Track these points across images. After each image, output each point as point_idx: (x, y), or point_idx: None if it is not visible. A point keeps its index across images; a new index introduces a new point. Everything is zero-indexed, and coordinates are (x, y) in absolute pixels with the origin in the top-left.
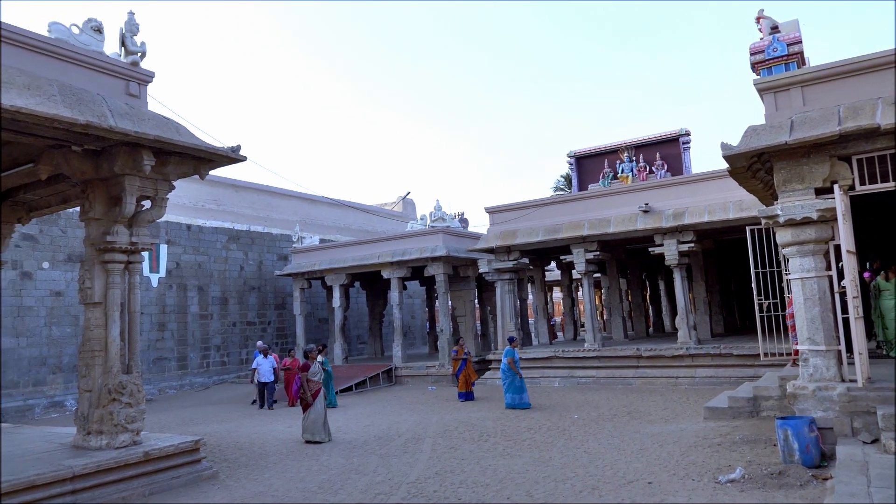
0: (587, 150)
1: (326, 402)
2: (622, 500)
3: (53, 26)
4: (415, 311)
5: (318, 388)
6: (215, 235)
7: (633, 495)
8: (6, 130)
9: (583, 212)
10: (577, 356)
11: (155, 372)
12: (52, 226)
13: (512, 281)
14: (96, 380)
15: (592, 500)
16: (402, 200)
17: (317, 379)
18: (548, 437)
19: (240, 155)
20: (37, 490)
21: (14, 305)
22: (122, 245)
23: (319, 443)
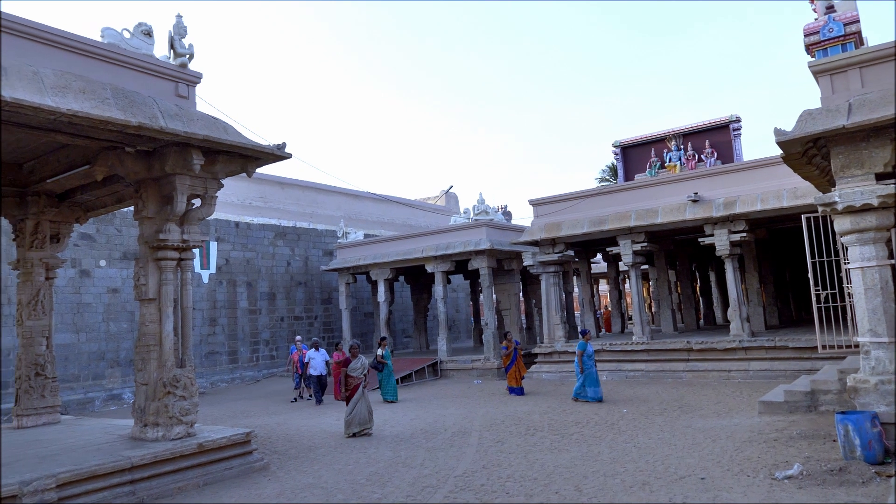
0: (633, 140)
1: (386, 397)
2: (674, 496)
3: (106, 31)
4: (459, 304)
5: (357, 383)
6: (262, 232)
7: (685, 491)
8: (64, 133)
9: (629, 202)
10: (625, 349)
11: (207, 366)
12: (108, 225)
13: (557, 274)
14: (152, 374)
15: (643, 495)
16: (445, 194)
17: (356, 375)
18: (596, 431)
19: (285, 152)
20: (98, 479)
21: (74, 302)
22: (174, 243)
23: (363, 435)
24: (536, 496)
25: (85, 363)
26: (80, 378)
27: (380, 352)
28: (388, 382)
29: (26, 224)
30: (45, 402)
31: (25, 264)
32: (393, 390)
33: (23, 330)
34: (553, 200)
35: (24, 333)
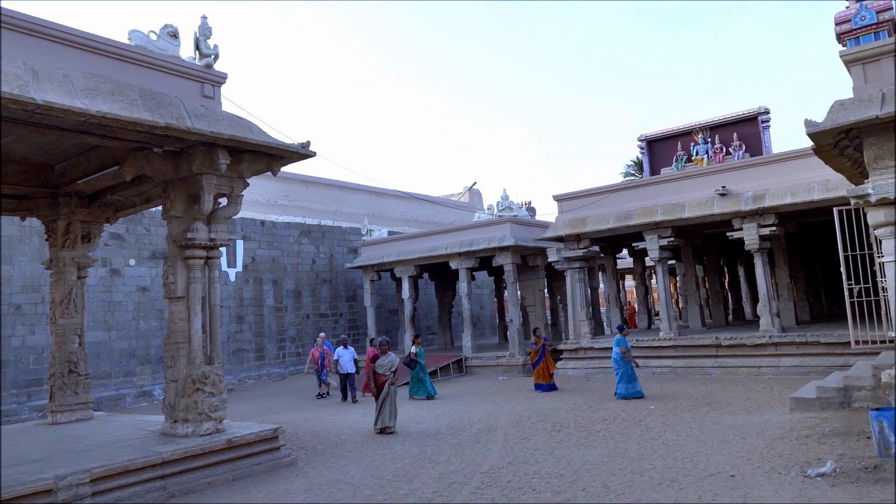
0: (659, 133)
1: (425, 393)
2: (703, 494)
3: (133, 34)
4: (483, 301)
5: (384, 380)
6: (288, 230)
7: (714, 488)
8: (94, 135)
9: (655, 197)
10: (652, 345)
11: (234, 363)
12: (137, 225)
13: (582, 269)
14: (181, 370)
15: (672, 492)
16: (468, 191)
17: (382, 371)
18: (623, 428)
19: (310, 151)
20: (130, 474)
21: (105, 301)
22: (201, 241)
23: (389, 432)
24: (563, 493)
25: (116, 360)
26: (111, 375)
27: (413, 349)
28: (421, 380)
29: (58, 224)
30: (78, 398)
31: (58, 264)
32: (427, 387)
33: (56, 328)
34: (578, 196)
35: (57, 331)
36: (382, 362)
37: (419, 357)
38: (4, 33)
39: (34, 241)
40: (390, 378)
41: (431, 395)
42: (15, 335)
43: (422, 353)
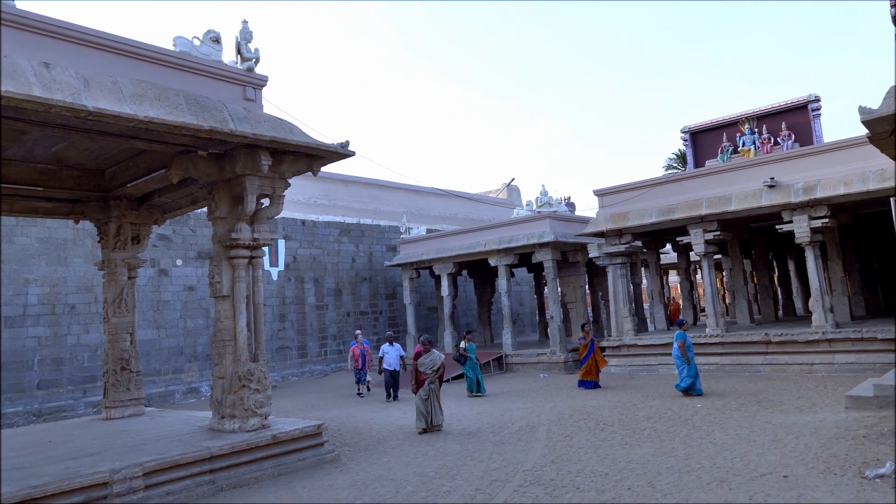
0: (703, 125)
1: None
2: (755, 494)
3: (178, 40)
4: (523, 298)
5: (424, 378)
6: (328, 229)
7: (766, 489)
8: (142, 140)
9: (700, 190)
10: (698, 342)
11: (278, 360)
12: (183, 226)
13: (624, 265)
14: (227, 367)
15: (721, 493)
16: (506, 187)
17: (423, 370)
18: (669, 426)
19: (349, 150)
20: (180, 468)
21: (153, 300)
22: (245, 241)
23: (431, 431)
24: (608, 492)
25: (165, 358)
26: (160, 372)
27: (463, 345)
28: (471, 376)
29: (110, 226)
30: (130, 394)
31: (110, 264)
32: (478, 383)
33: (109, 327)
34: (619, 190)
35: (109, 330)
36: (424, 360)
37: (469, 352)
38: (58, 44)
39: (87, 243)
40: (430, 377)
41: (475, 391)
42: (70, 334)
43: (472, 349)
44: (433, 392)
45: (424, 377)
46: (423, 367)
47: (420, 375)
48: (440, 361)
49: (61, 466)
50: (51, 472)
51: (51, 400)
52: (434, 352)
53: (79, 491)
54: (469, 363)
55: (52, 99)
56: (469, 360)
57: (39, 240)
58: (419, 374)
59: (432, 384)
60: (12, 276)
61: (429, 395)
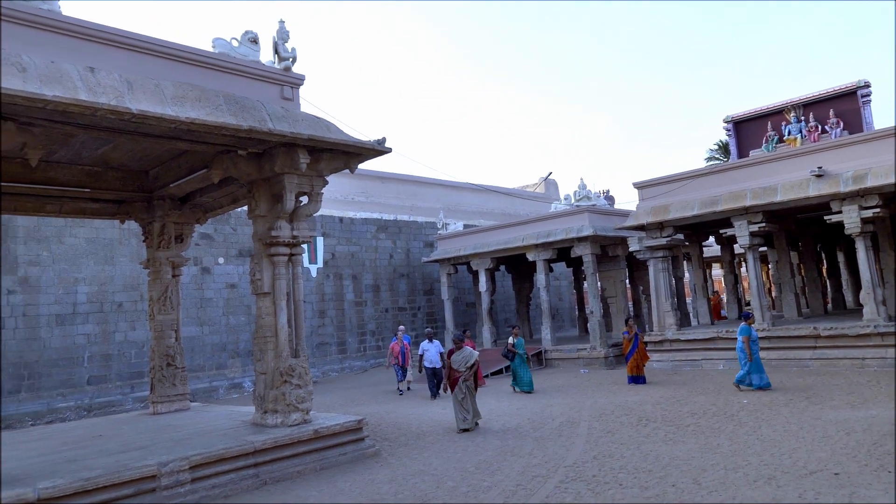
0: (746, 114)
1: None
2: (805, 492)
3: (217, 42)
4: (562, 293)
5: (457, 377)
6: (365, 226)
7: (817, 486)
8: (184, 140)
9: (744, 180)
10: None
11: (318, 356)
12: (224, 225)
13: (666, 259)
14: (269, 363)
15: (769, 490)
16: (543, 181)
17: (456, 367)
18: (714, 422)
19: (385, 147)
20: (225, 462)
21: (197, 297)
22: (284, 239)
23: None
24: (651, 488)
25: (209, 354)
26: (204, 368)
27: (511, 340)
28: (520, 372)
29: (154, 226)
30: (175, 390)
31: (154, 263)
32: (527, 380)
33: (154, 324)
34: (659, 182)
35: (155, 327)
36: (457, 358)
37: (517, 348)
38: (102, 48)
39: (132, 243)
40: (464, 375)
41: (523, 389)
42: (118, 331)
43: (521, 344)
44: (469, 390)
45: (458, 375)
46: (457, 364)
47: (454, 374)
48: (473, 358)
49: (112, 459)
50: (102, 465)
51: (100, 395)
52: (466, 348)
53: (129, 483)
54: (518, 359)
55: (97, 102)
56: (518, 357)
57: (87, 240)
58: (453, 373)
59: (466, 382)
60: (63, 276)
61: (465, 394)
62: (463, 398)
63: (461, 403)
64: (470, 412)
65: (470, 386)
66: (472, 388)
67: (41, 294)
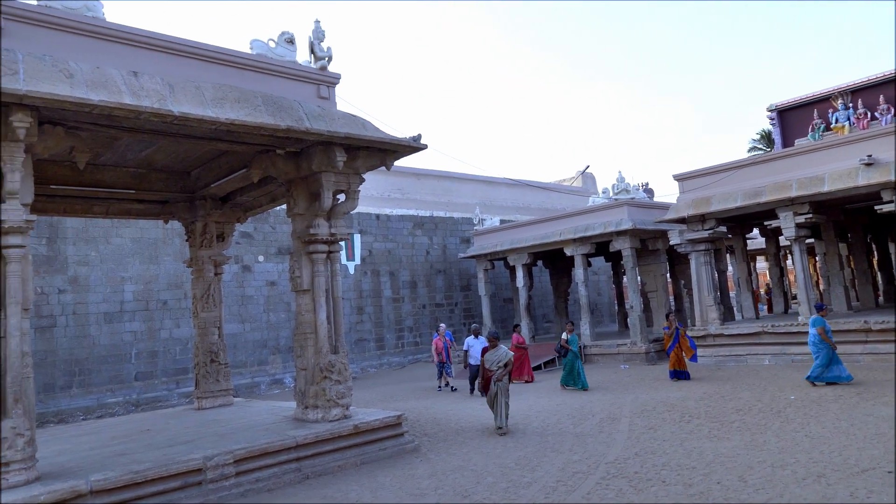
0: (791, 102)
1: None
2: (856, 491)
3: (254, 43)
4: (601, 288)
5: (490, 376)
6: (401, 223)
7: (869, 485)
8: (224, 141)
9: (789, 170)
10: (790, 331)
11: (357, 352)
12: (264, 223)
13: (708, 252)
14: (309, 359)
15: (819, 489)
16: (581, 175)
17: (489, 367)
18: (760, 419)
19: (421, 144)
20: (268, 456)
21: (238, 295)
22: (323, 236)
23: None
24: (695, 486)
25: (250, 350)
26: (246, 364)
27: (564, 336)
28: (573, 369)
29: (196, 225)
30: (219, 385)
31: (197, 262)
32: (578, 377)
33: (198, 321)
34: (701, 174)
35: (199, 324)
36: (491, 357)
37: (571, 344)
38: (144, 53)
39: (175, 242)
40: (497, 374)
41: (581, 387)
42: (163, 328)
43: (575, 341)
44: (501, 390)
45: (491, 374)
46: (490, 363)
47: (487, 373)
48: (507, 357)
49: (159, 453)
50: (150, 459)
51: (147, 391)
52: (501, 347)
53: (176, 476)
54: (571, 356)
55: (140, 105)
56: (571, 353)
57: (133, 240)
58: (486, 372)
59: (499, 381)
60: (110, 275)
61: (496, 395)
62: (495, 398)
63: (493, 404)
64: (502, 413)
65: (503, 386)
66: (505, 388)
67: (90, 293)
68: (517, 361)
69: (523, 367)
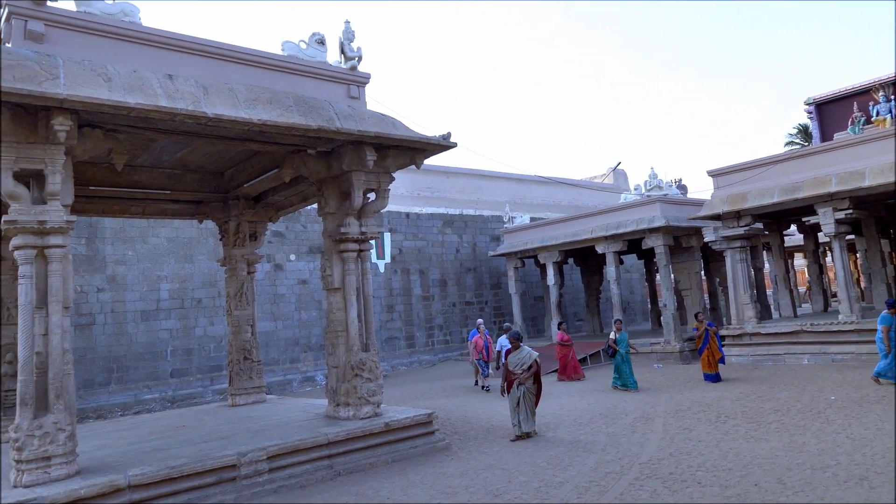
0: (830, 95)
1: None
2: None
3: (286, 45)
4: (633, 286)
5: (513, 379)
6: (431, 221)
7: None
8: (256, 142)
9: (828, 165)
10: (830, 330)
11: (387, 350)
12: (295, 223)
13: (743, 249)
14: (340, 357)
15: (861, 491)
16: (612, 172)
17: (512, 369)
18: (799, 420)
19: (450, 142)
20: (301, 453)
21: (270, 293)
22: (353, 235)
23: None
24: (732, 487)
25: (282, 348)
26: (279, 362)
27: (613, 335)
28: (623, 369)
29: (229, 225)
30: (252, 382)
31: (230, 261)
32: (627, 377)
33: (232, 319)
34: (736, 169)
35: (232, 322)
36: (513, 359)
37: (620, 343)
38: (179, 56)
39: (209, 242)
40: (520, 377)
41: (629, 387)
42: (198, 326)
43: (623, 339)
44: (525, 394)
45: (514, 377)
46: (513, 366)
47: (510, 376)
48: (531, 360)
49: (195, 449)
50: (186, 454)
51: (182, 387)
52: (525, 348)
53: (211, 472)
54: (619, 356)
55: (175, 108)
56: (619, 353)
57: (168, 239)
58: (509, 375)
59: (523, 385)
60: (146, 274)
61: (519, 399)
62: (518, 402)
63: (515, 408)
64: (525, 417)
65: (527, 389)
66: (530, 391)
67: (127, 291)
68: (563, 359)
69: (570, 366)
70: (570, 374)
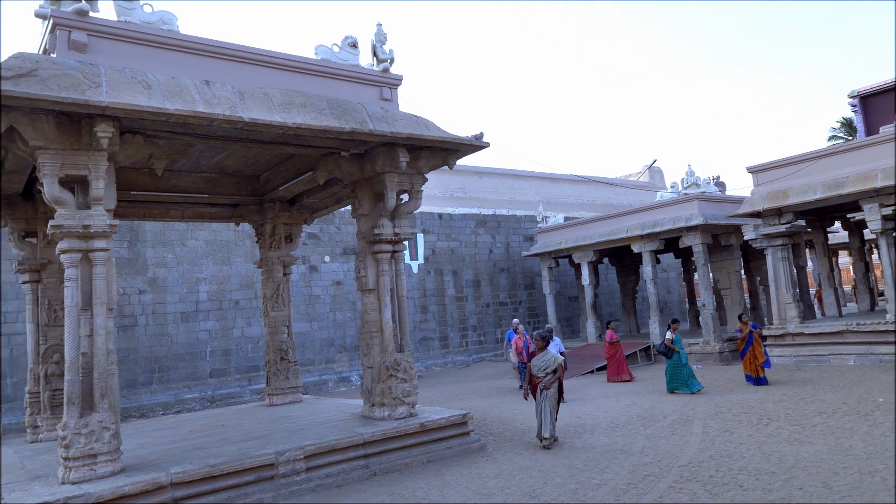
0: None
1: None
2: None
3: (319, 49)
4: (670, 285)
5: (536, 383)
6: (464, 222)
7: None
8: (291, 145)
9: (874, 160)
10: (877, 329)
11: (421, 351)
12: (329, 224)
13: (785, 247)
14: (375, 358)
15: None
16: (648, 170)
17: (535, 373)
18: (845, 422)
19: (483, 142)
20: (337, 453)
21: (305, 295)
22: (387, 236)
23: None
24: (775, 491)
25: (318, 349)
26: (314, 362)
27: (669, 335)
28: (679, 371)
29: (265, 227)
30: (289, 382)
31: (266, 262)
32: (687, 379)
33: (268, 320)
34: (776, 165)
35: (269, 323)
36: (537, 363)
37: (676, 344)
38: (216, 62)
39: (246, 244)
40: (545, 381)
41: (693, 390)
42: (235, 327)
43: (679, 340)
44: (547, 399)
45: (538, 381)
46: (536, 369)
47: (533, 379)
48: (556, 364)
49: (234, 448)
50: (226, 453)
51: (221, 387)
52: (550, 351)
53: (250, 471)
54: (676, 357)
55: (213, 113)
56: (676, 354)
57: (206, 242)
58: (532, 378)
59: (546, 389)
60: (186, 276)
61: (541, 404)
62: (541, 408)
63: (538, 413)
64: (547, 423)
65: (550, 395)
66: (553, 396)
67: (167, 293)
68: (612, 359)
69: (620, 366)
70: (621, 375)
